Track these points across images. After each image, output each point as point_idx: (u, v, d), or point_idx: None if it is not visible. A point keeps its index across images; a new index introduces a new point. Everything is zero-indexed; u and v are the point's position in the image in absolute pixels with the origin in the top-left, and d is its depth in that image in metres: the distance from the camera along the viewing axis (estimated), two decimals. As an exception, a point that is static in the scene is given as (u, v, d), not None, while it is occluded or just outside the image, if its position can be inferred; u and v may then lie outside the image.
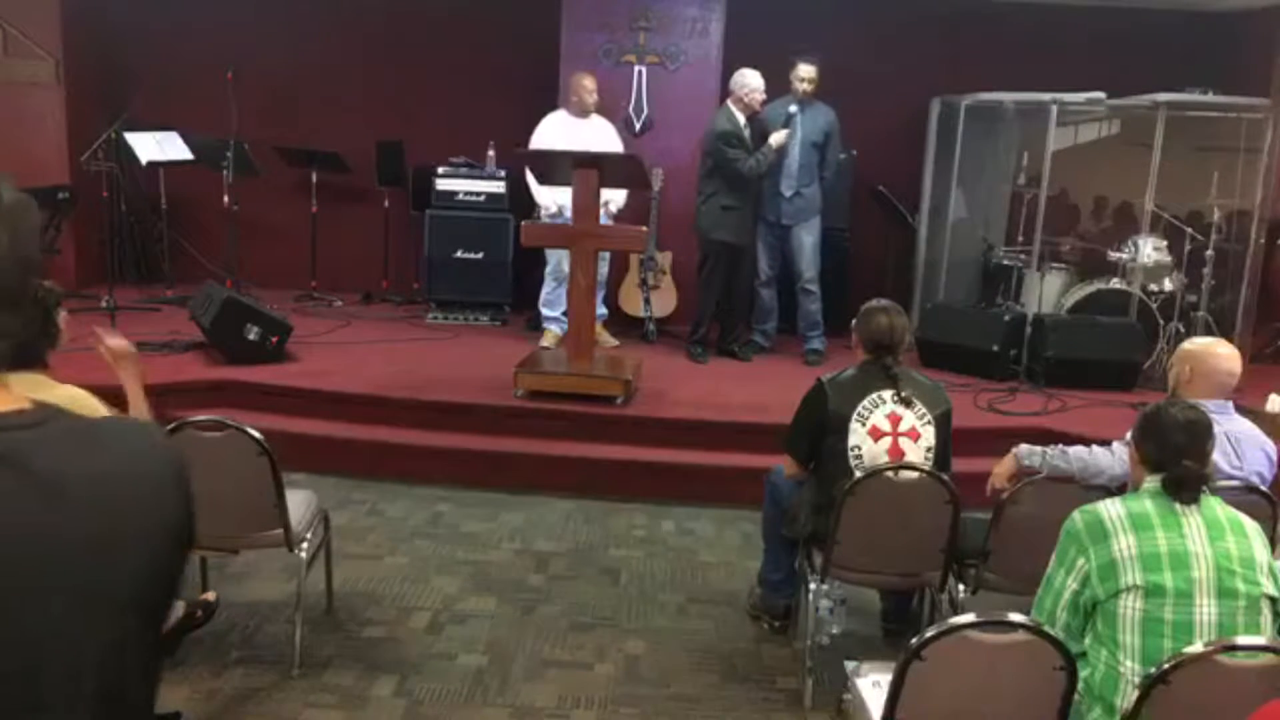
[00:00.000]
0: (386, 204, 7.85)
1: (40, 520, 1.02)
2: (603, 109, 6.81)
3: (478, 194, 7.39)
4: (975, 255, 7.62)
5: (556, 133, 6.54)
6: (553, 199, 6.50)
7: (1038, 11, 7.68)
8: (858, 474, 3.38)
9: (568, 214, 5.86)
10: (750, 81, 6.43)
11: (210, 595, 3.49)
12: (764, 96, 6.47)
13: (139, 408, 2.82)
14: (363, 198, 7.93)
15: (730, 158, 6.37)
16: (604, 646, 3.80)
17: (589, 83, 6.61)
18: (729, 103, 6.52)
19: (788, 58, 6.53)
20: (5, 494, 1.01)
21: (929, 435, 3.48)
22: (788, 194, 6.63)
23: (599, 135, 6.61)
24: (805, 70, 6.48)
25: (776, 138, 6.41)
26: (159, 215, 7.74)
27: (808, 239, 6.70)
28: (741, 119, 6.45)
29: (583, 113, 6.63)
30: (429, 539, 4.66)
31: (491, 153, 7.39)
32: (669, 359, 6.65)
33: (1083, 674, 2.42)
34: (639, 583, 4.34)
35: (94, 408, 3.31)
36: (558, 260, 6.62)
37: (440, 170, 7.40)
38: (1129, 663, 2.41)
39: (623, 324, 7.20)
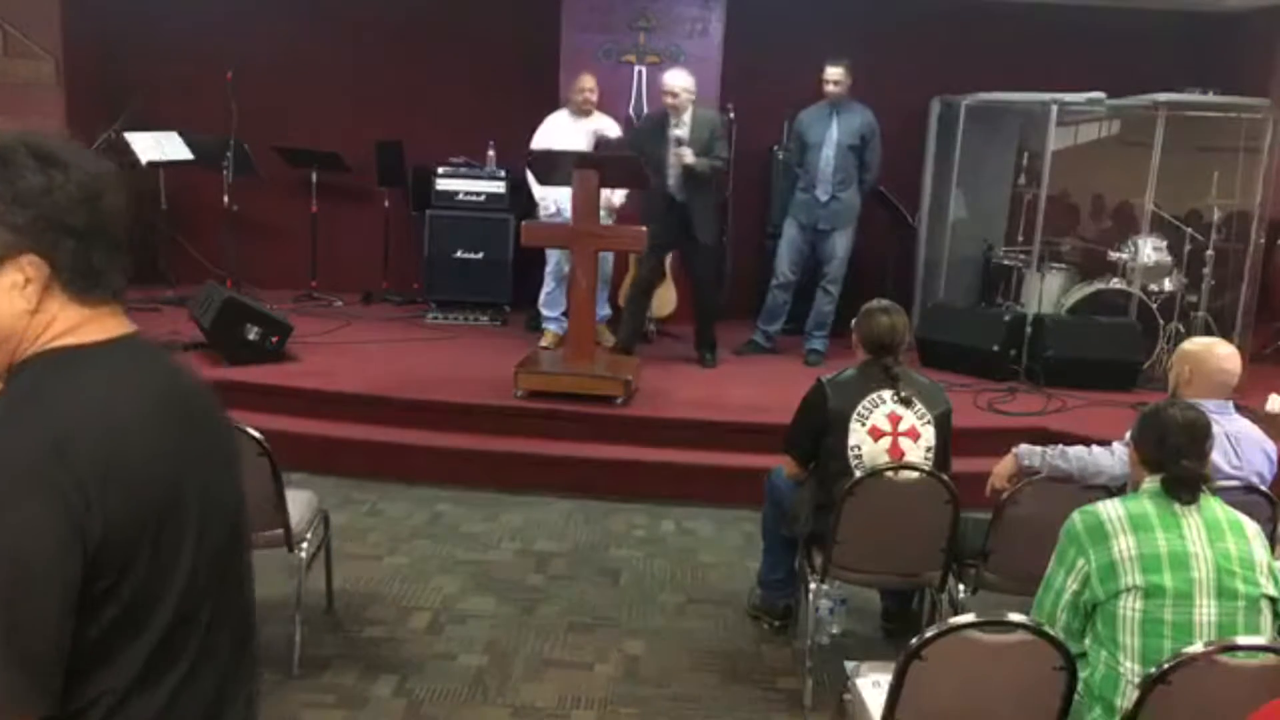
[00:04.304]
0: (386, 204, 7.84)
1: None
2: (603, 109, 6.79)
3: (478, 194, 7.39)
4: (975, 255, 7.61)
5: (558, 132, 6.53)
6: (552, 198, 6.49)
7: (1038, 11, 7.67)
8: (858, 474, 3.38)
9: (566, 213, 5.85)
10: (669, 83, 6.11)
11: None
12: (671, 98, 6.05)
13: None
14: (363, 198, 7.92)
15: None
16: (604, 646, 3.80)
17: (587, 83, 6.56)
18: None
19: (822, 62, 6.44)
20: None
21: (929, 435, 3.48)
22: (824, 198, 6.55)
23: (600, 132, 6.59)
24: (830, 72, 6.40)
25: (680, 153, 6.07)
26: (159, 215, 7.74)
27: (841, 243, 6.64)
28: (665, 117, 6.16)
29: (583, 113, 6.62)
30: (429, 539, 4.66)
31: (491, 153, 7.39)
32: (669, 359, 6.65)
33: (1083, 674, 2.42)
34: (639, 583, 4.34)
35: None
36: (558, 260, 6.61)
37: (440, 170, 7.39)
38: (1129, 663, 2.41)
39: (623, 324, 7.18)
